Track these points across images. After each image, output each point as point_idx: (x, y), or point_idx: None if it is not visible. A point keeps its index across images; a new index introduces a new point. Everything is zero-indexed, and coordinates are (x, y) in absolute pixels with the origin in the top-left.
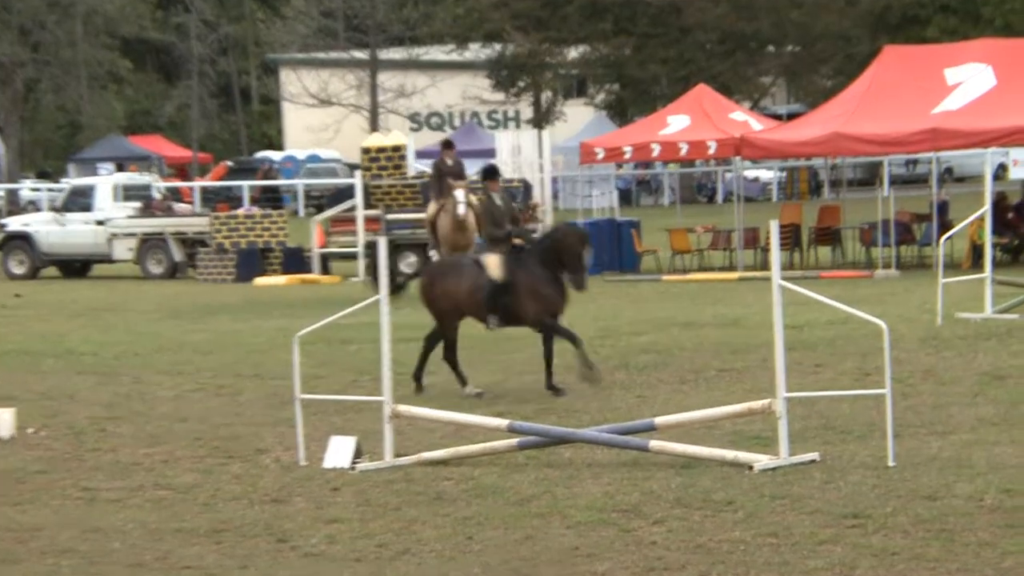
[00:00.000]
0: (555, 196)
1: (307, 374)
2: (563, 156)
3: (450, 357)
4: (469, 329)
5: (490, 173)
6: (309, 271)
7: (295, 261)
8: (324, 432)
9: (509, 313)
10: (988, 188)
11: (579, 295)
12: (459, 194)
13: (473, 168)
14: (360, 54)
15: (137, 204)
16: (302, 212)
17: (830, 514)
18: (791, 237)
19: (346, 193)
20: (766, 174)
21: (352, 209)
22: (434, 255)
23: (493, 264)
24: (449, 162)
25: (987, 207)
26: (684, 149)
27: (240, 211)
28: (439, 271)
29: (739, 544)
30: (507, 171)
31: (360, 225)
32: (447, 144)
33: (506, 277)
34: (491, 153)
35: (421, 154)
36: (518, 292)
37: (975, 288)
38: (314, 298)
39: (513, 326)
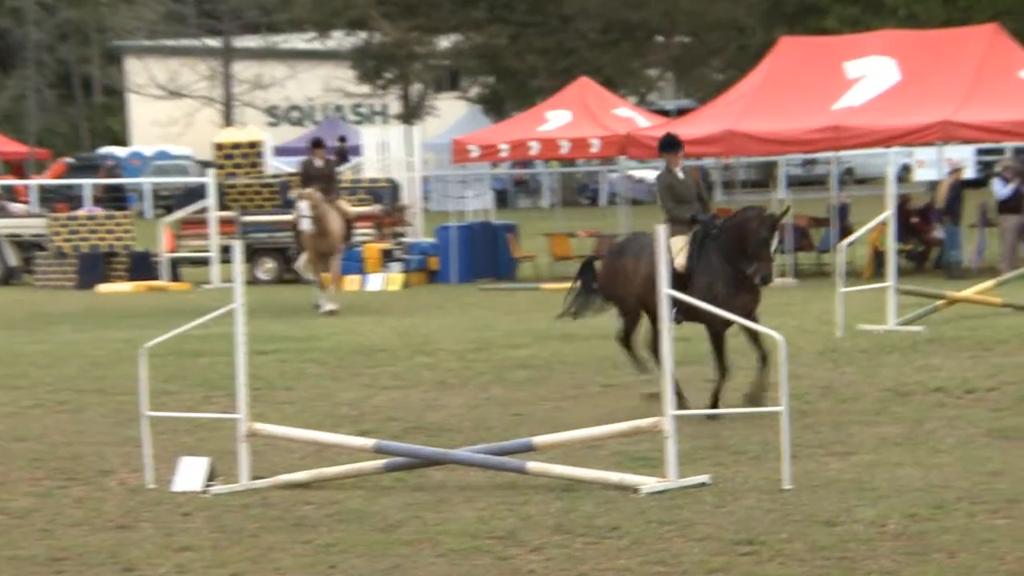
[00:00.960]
0: (426, 197)
1: (155, 389)
2: (434, 154)
3: (625, 341)
4: (345, 339)
5: (670, 145)
6: (157, 277)
7: (142, 266)
8: (174, 452)
9: (689, 307)
10: (891, 191)
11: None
12: (303, 206)
13: (342, 165)
14: (213, 42)
15: None
16: (150, 213)
17: (722, 540)
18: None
19: (197, 193)
20: (653, 174)
21: (204, 210)
22: (301, 261)
23: (677, 248)
24: (318, 163)
25: (890, 211)
26: (565, 147)
27: (81, 212)
28: (619, 251)
29: (624, 573)
30: (373, 170)
31: (213, 228)
32: (316, 143)
33: (687, 267)
34: (356, 150)
35: (281, 151)
36: (695, 287)
37: (877, 298)
38: (163, 307)
39: (694, 322)
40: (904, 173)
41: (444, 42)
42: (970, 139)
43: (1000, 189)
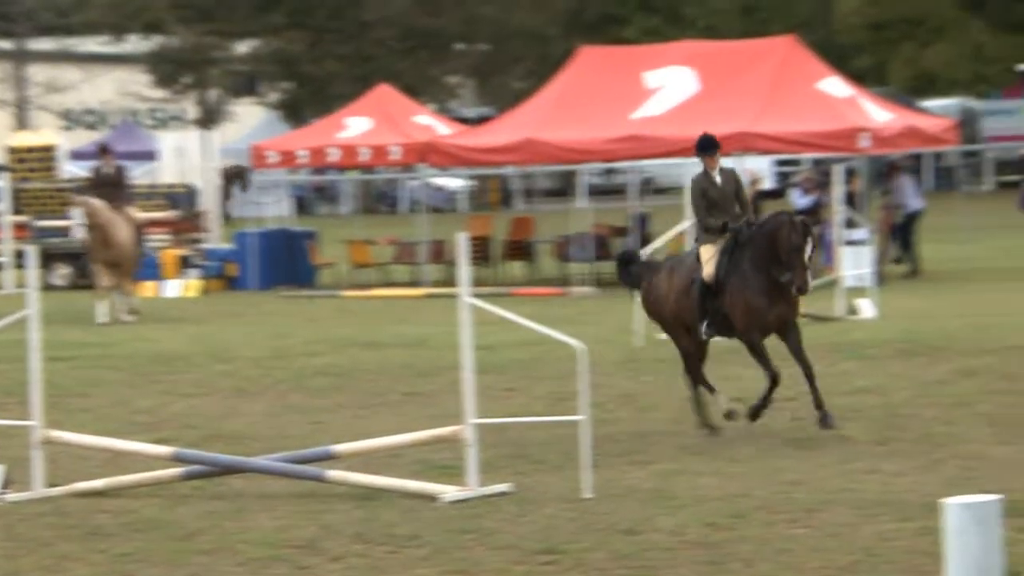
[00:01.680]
0: (224, 203)
1: None
2: (233, 159)
3: (690, 370)
4: (142, 346)
5: (706, 146)
6: None
7: None
8: None
9: (722, 320)
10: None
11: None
12: (77, 214)
13: (139, 170)
14: (5, 44)
15: None
16: None
17: (523, 549)
18: (481, 251)
19: None
20: (453, 182)
21: None
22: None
23: (706, 258)
24: (106, 169)
25: (688, 222)
26: (365, 154)
27: None
28: (652, 270)
29: None
30: (170, 176)
31: (6, 232)
32: (103, 149)
33: (717, 276)
34: (151, 155)
35: (77, 155)
36: (728, 296)
37: None
38: None
39: (728, 336)
40: None
41: (242, 47)
42: (768, 150)
43: (799, 200)
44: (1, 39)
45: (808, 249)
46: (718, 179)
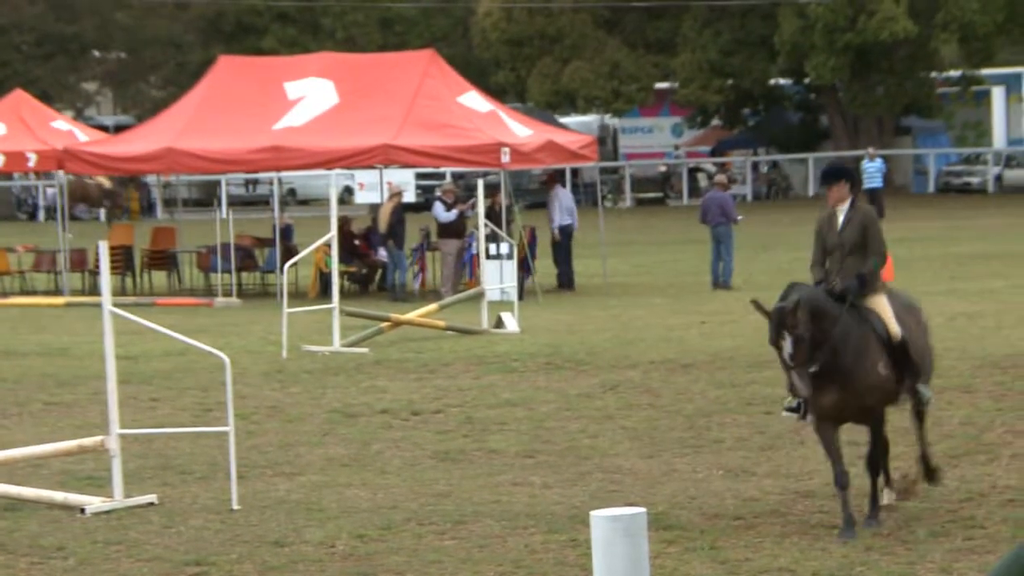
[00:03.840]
0: None
1: None
2: None
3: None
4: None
5: (829, 175)
6: None
7: None
8: None
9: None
10: (333, 212)
11: None
12: None
13: None
14: None
15: None
16: None
17: (171, 561)
18: (123, 260)
19: None
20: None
21: None
22: None
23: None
24: None
25: (332, 233)
26: (0, 161)
27: None
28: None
29: None
30: None
31: None
32: None
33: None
34: None
35: None
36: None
37: (323, 319)
38: None
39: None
40: (346, 195)
41: None
42: (410, 163)
43: (441, 213)
44: None
45: (787, 347)
46: (841, 218)
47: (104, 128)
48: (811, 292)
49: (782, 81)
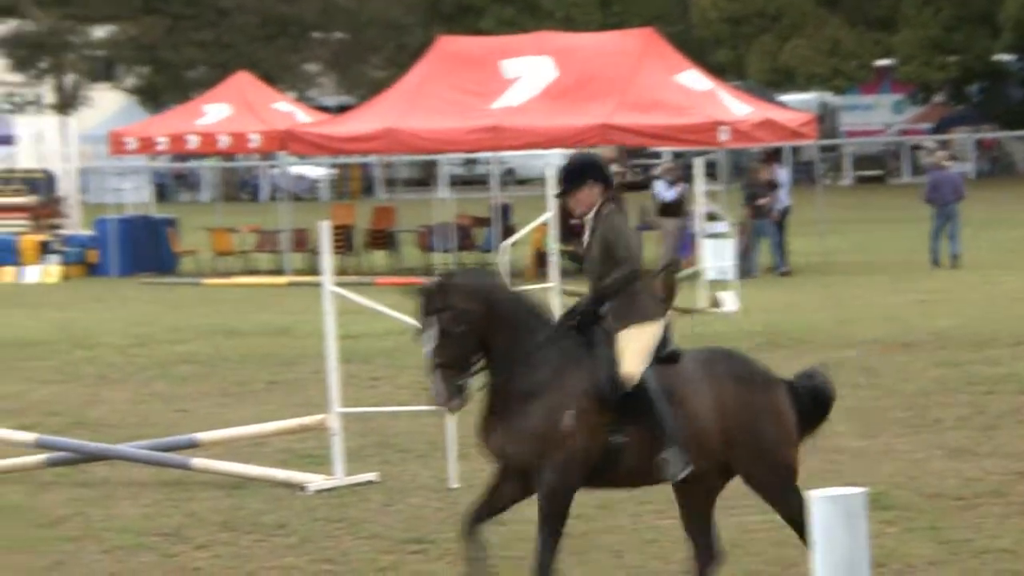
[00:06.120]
0: (84, 190)
1: None
2: (91, 145)
3: None
4: (1, 332)
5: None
6: None
7: None
8: None
9: None
10: (551, 192)
11: None
12: None
13: None
14: None
15: None
16: None
17: (390, 539)
18: (343, 240)
19: None
20: (315, 171)
21: None
22: None
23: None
24: None
25: (551, 212)
26: (224, 141)
27: None
28: None
29: (291, 571)
30: (28, 161)
31: None
32: None
33: None
34: (9, 140)
35: None
36: None
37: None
38: None
39: None
40: None
41: (99, 32)
42: (627, 143)
43: (664, 192)
44: None
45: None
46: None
47: (326, 109)
48: (491, 280)
49: (1005, 57)
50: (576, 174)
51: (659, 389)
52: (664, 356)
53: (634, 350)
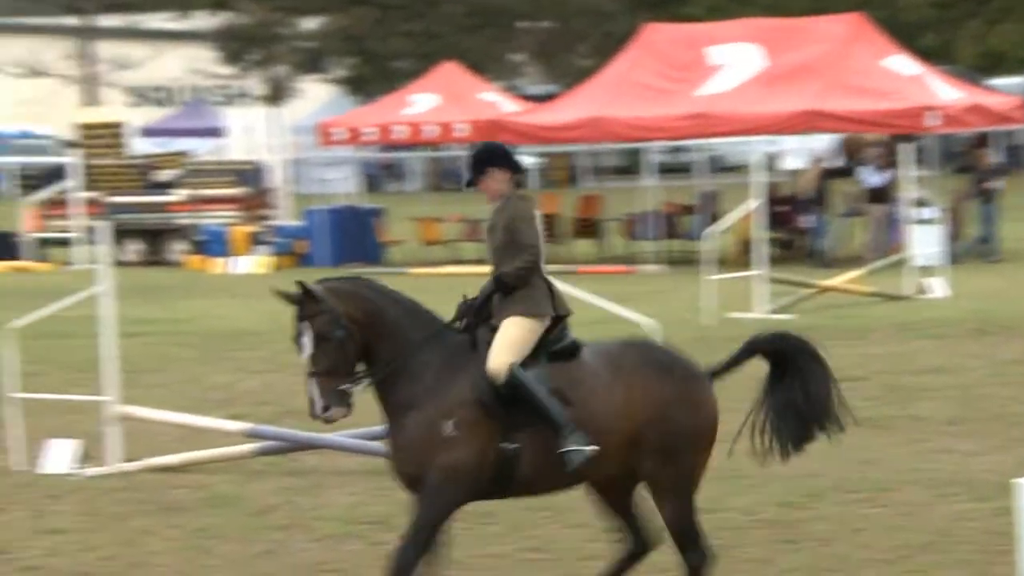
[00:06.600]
0: (293, 181)
1: (22, 371)
2: (300, 136)
3: None
4: (214, 322)
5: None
6: (19, 257)
7: (4, 247)
8: (42, 435)
9: None
10: (758, 179)
11: None
12: None
13: (206, 146)
14: (73, 20)
15: None
16: (14, 193)
17: (596, 527)
18: (549, 228)
19: (61, 173)
20: (521, 160)
21: (67, 191)
22: None
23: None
24: None
25: (758, 200)
26: (431, 131)
27: None
28: None
29: (498, 559)
30: (238, 152)
31: (77, 208)
32: None
33: None
34: (219, 132)
35: (148, 132)
36: None
37: (748, 287)
38: (27, 287)
39: None
40: (771, 161)
41: (308, 23)
42: (835, 129)
43: (870, 177)
44: (69, 16)
45: (304, 345)
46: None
47: (532, 98)
48: (369, 283)
49: None
50: (482, 162)
51: (535, 380)
52: (558, 350)
53: (502, 343)
